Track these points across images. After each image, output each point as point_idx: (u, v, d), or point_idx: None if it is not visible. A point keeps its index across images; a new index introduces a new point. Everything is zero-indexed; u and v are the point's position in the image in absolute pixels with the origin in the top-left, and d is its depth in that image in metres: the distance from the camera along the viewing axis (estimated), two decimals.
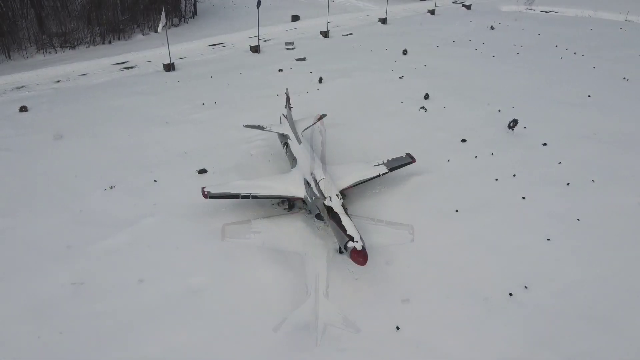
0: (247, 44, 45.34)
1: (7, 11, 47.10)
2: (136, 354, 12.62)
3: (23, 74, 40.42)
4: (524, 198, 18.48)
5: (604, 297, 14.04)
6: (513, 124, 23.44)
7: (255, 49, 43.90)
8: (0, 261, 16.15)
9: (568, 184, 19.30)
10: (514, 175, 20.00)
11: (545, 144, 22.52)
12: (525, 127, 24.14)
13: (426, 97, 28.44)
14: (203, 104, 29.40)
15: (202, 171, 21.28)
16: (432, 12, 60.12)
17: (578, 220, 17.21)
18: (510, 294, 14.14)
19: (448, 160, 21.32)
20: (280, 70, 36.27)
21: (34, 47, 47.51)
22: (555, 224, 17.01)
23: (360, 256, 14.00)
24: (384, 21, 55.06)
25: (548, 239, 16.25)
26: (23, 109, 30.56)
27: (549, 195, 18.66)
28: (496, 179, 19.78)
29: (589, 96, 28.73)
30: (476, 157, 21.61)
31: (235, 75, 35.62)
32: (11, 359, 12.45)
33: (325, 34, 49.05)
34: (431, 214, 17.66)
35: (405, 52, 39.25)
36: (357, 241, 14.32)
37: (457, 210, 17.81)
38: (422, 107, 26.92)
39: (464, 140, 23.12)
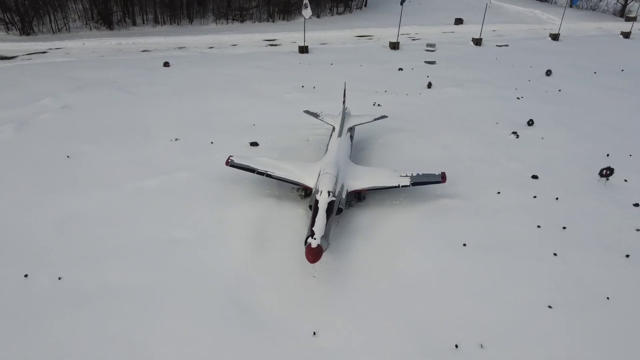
0: (394, 39, 45.05)
1: None
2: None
3: (190, 37, 47.07)
4: (555, 254, 15.27)
5: None
6: (607, 172, 19.20)
7: (394, 46, 43.45)
8: (65, 176, 19.76)
9: (628, 256, 15.23)
10: (564, 228, 16.55)
11: (637, 205, 17.99)
12: (626, 180, 19.56)
13: (530, 123, 24.91)
14: (302, 86, 30.60)
15: (254, 144, 22.46)
16: (626, 35, 51.48)
17: (607, 299, 13.60)
18: (456, 346, 12.13)
19: (498, 193, 18.61)
20: (400, 69, 35.42)
21: (212, 16, 54.64)
22: (569, 292, 13.75)
23: (310, 253, 13.53)
24: (555, 37, 49.04)
25: (549, 307, 13.30)
26: (166, 64, 35.89)
27: (588, 259, 15.05)
28: (538, 226, 16.66)
29: None
30: (535, 197, 18.40)
31: (354, 67, 35.99)
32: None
33: (477, 42, 45.87)
34: (434, 239, 15.83)
35: (548, 73, 34.60)
36: (315, 238, 13.86)
37: (464, 245, 15.65)
38: (514, 133, 23.69)
39: (535, 177, 19.81)
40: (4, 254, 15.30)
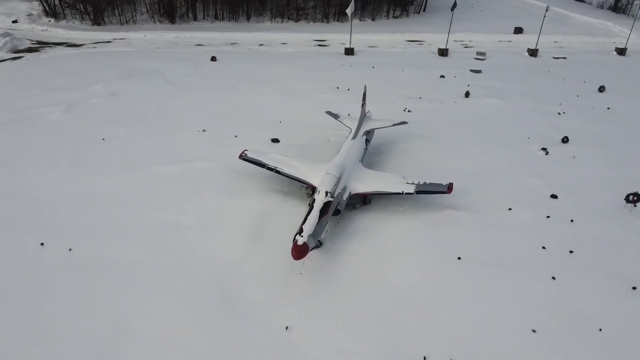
0: (443, 45, 44.22)
1: None
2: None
3: (244, 33, 48.61)
4: (553, 278, 14.55)
5: None
6: (634, 198, 17.96)
7: (442, 52, 42.63)
8: (96, 156, 21.33)
9: (634, 288, 14.21)
10: (571, 252, 15.70)
11: None
12: None
13: (564, 140, 23.69)
14: (337, 87, 30.87)
15: (275, 140, 23.04)
16: None
17: (600, 330, 12.80)
18: (424, 358, 11.97)
19: (509, 209, 17.95)
20: (442, 76, 34.75)
21: (269, 14, 56.03)
22: (559, 319, 13.07)
23: (294, 250, 13.82)
24: (621, 52, 46.01)
25: (533, 330, 12.76)
26: (213, 58, 37.38)
27: (590, 287, 14.19)
28: (543, 247, 15.92)
29: None
30: (548, 217, 17.57)
31: (395, 72, 35.75)
32: None
33: (533, 52, 43.97)
34: (429, 250, 15.57)
35: (601, 89, 32.62)
36: (302, 236, 14.13)
37: (459, 258, 15.29)
38: (544, 149, 22.63)
39: (554, 196, 18.88)
40: (27, 223, 16.82)
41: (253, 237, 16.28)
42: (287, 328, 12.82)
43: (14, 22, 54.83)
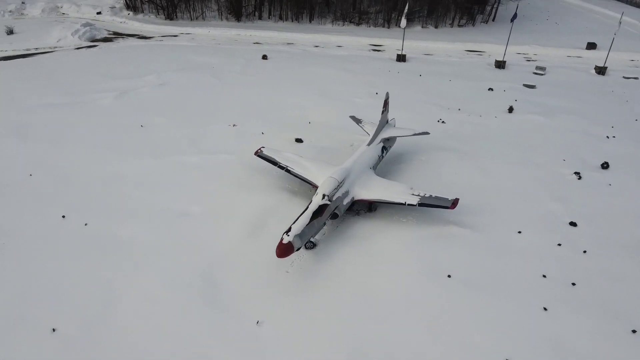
0: (501, 57, 42.56)
1: None
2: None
3: (302, 34, 49.60)
4: (545, 309, 13.71)
5: None
6: None
7: (499, 64, 41.03)
8: (130, 141, 22.94)
9: (634, 331, 13.02)
10: (573, 284, 14.68)
11: None
12: None
13: (604, 166, 22.08)
14: (376, 93, 30.75)
15: (299, 140, 23.49)
16: None
17: None
18: None
19: (519, 232, 17.11)
20: (490, 89, 33.52)
21: (332, 17, 56.64)
22: (540, 353, 12.31)
23: (278, 248, 14.11)
24: None
25: None
26: (264, 57, 38.56)
27: (583, 324, 13.18)
28: (544, 276, 15.02)
29: None
30: (559, 245, 16.53)
31: (442, 81, 34.97)
32: None
33: (601, 70, 41.10)
34: (420, 264, 15.22)
35: None
36: (289, 235, 14.40)
37: (449, 276, 14.86)
38: (577, 173, 21.22)
39: (573, 224, 17.70)
40: (55, 196, 18.50)
41: (251, 231, 16.78)
42: (257, 322, 13.18)
43: (98, 13, 59.73)
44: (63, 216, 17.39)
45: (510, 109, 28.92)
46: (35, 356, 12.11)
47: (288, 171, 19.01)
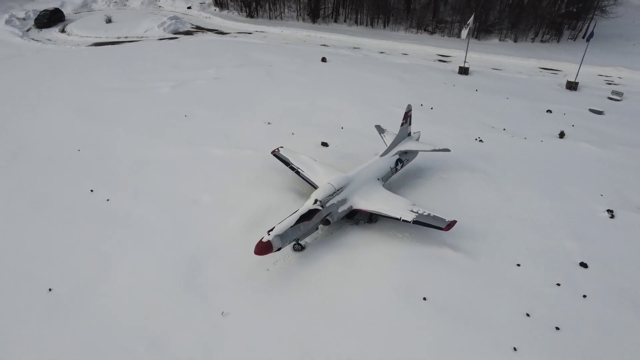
0: (575, 78, 39.68)
1: None
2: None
3: (371, 39, 49.68)
4: (515, 349, 12.97)
5: None
6: None
7: (571, 86, 38.27)
8: (170, 129, 24.79)
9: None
10: (557, 329, 13.66)
11: None
12: None
13: None
14: (421, 105, 30.23)
15: (324, 144, 23.91)
16: None
17: None
18: None
19: (518, 265, 16.20)
20: (549, 111, 31.49)
21: (406, 23, 55.99)
22: None
23: (257, 245, 14.66)
24: None
25: None
26: (323, 59, 39.30)
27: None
28: (527, 314, 14.12)
29: None
30: (558, 285, 15.39)
31: (498, 99, 33.37)
32: None
33: None
34: (398, 283, 14.98)
35: None
36: (270, 235, 14.95)
37: (424, 299, 14.54)
38: (609, 211, 19.48)
39: (583, 265, 16.35)
40: (91, 172, 20.69)
41: (248, 227, 17.51)
42: (222, 313, 13.91)
43: (189, 7, 64.14)
44: (91, 190, 19.42)
45: (562, 134, 27.05)
46: (29, 309, 13.88)
47: (297, 173, 19.57)
